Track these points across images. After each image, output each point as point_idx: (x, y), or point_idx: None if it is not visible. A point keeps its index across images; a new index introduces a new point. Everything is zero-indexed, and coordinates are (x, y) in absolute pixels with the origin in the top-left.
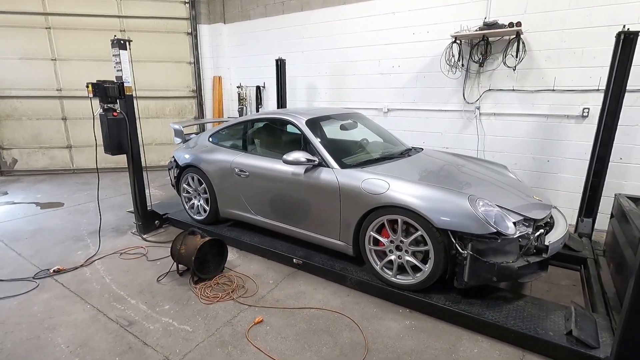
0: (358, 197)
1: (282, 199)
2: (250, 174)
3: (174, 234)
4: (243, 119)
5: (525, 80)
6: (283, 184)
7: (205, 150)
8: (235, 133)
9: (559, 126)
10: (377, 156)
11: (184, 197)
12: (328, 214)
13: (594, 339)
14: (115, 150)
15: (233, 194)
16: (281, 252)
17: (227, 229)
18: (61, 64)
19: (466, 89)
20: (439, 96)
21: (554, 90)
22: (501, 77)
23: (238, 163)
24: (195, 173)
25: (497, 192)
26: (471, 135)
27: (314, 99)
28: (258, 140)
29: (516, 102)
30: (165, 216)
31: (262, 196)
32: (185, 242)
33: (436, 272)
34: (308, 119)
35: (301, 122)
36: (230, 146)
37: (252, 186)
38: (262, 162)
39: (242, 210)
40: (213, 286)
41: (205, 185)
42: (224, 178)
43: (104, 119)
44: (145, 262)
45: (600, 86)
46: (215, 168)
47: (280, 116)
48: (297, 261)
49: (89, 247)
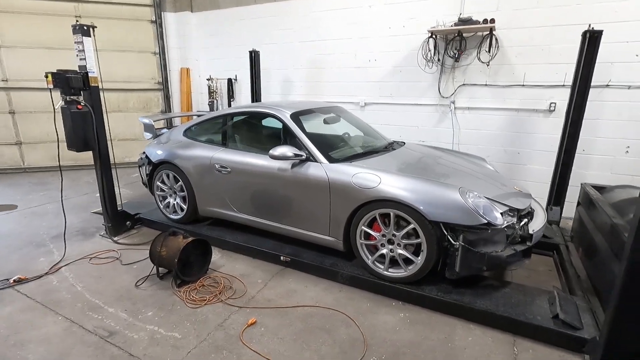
0: (349, 192)
1: (267, 195)
2: (232, 170)
3: (148, 235)
4: (221, 112)
5: (497, 75)
6: (268, 180)
7: (181, 145)
8: (213, 127)
9: (529, 120)
10: (362, 150)
11: (158, 195)
12: (317, 209)
13: (577, 320)
14: (81, 147)
15: (213, 192)
16: (267, 250)
17: (207, 227)
18: (6, 51)
19: (441, 84)
20: (415, 90)
21: (524, 86)
22: (475, 72)
23: (218, 159)
24: (171, 170)
25: (481, 184)
26: (447, 129)
27: (289, 93)
28: (239, 135)
29: (489, 97)
30: (137, 216)
31: (246, 193)
32: (166, 244)
33: (428, 264)
34: (292, 113)
35: (285, 115)
36: (208, 141)
37: (234, 183)
38: (245, 158)
39: (223, 208)
40: (198, 288)
41: (182, 182)
42: (202, 175)
43: (67, 113)
44: (119, 267)
45: (566, 82)
46: (193, 164)
47: (263, 109)
48: (284, 259)
49: (53, 253)
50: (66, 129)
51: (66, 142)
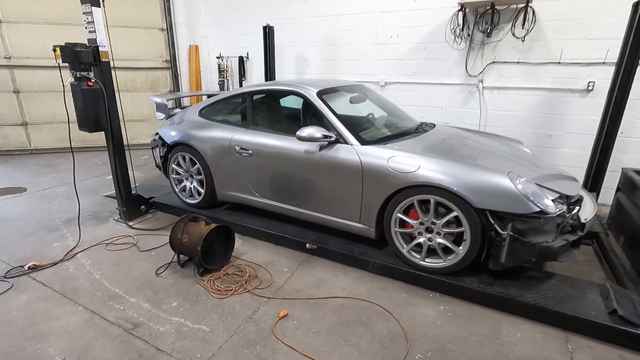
0: (384, 176)
1: (291, 179)
2: (254, 152)
3: (164, 220)
4: (240, 90)
5: (530, 52)
6: (293, 163)
7: (196, 126)
8: (231, 107)
9: (563, 100)
10: (393, 132)
11: (174, 178)
12: (346, 195)
13: (636, 316)
14: (93, 127)
15: (233, 175)
16: (292, 237)
17: (226, 212)
18: (8, 27)
19: (469, 61)
20: (440, 69)
21: (560, 63)
22: (506, 48)
23: (239, 140)
24: (187, 152)
25: (525, 169)
26: (472, 110)
27: (303, 71)
28: (260, 114)
29: (520, 76)
30: (151, 200)
31: (268, 177)
32: (188, 230)
33: (471, 254)
34: (319, 91)
35: (311, 94)
36: (226, 122)
37: (256, 166)
38: (268, 139)
39: (243, 192)
40: (222, 277)
41: (200, 165)
42: (221, 157)
43: (77, 90)
44: (137, 253)
45: (608, 59)
46: (210, 146)
47: (286, 87)
48: (310, 246)
49: (67, 239)
50: (77, 108)
51: (77, 122)
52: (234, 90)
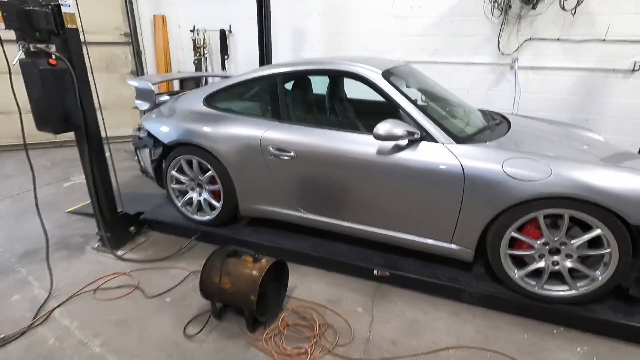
0: (497, 184)
1: (354, 190)
2: (298, 154)
3: (163, 243)
4: (264, 71)
5: (572, 28)
6: (357, 169)
7: (205, 119)
8: (252, 93)
9: (604, 81)
10: (478, 126)
11: (174, 189)
12: (436, 209)
13: None
14: (59, 125)
15: (265, 184)
16: (354, 263)
17: (250, 230)
18: None
19: (502, 38)
20: (468, 46)
21: (604, 41)
22: (546, 23)
23: (272, 139)
24: (195, 155)
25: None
26: (503, 93)
27: (301, 48)
28: (300, 104)
29: (560, 54)
30: (141, 218)
31: (319, 186)
32: (229, 272)
33: (615, 281)
34: (385, 72)
35: (375, 75)
36: (247, 113)
37: (300, 172)
38: (318, 138)
39: (280, 206)
40: (283, 331)
41: (215, 172)
42: (247, 161)
43: (33, 71)
44: (145, 302)
45: None
46: (231, 147)
47: (336, 67)
48: (381, 273)
49: (31, 285)
50: (32, 97)
51: (34, 118)
52: (255, 71)
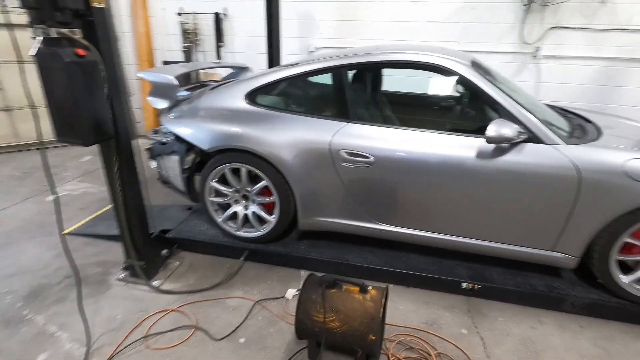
0: (617, 187)
1: (447, 197)
2: (377, 160)
3: (202, 266)
4: (326, 63)
5: (595, 16)
6: (454, 174)
7: (254, 120)
8: (310, 88)
9: (624, 70)
10: (567, 123)
11: (212, 202)
12: (543, 214)
13: None
14: (89, 135)
15: (332, 193)
16: (439, 276)
17: (306, 247)
18: None
19: (526, 26)
20: (491, 34)
21: (626, 30)
22: (571, 11)
23: (346, 143)
24: (245, 162)
25: None
26: (524, 83)
27: (309, 35)
28: (369, 100)
29: (582, 43)
30: (168, 236)
31: (403, 195)
32: (336, 307)
33: None
34: (472, 62)
35: (464, 68)
36: (305, 112)
37: (381, 180)
38: (401, 139)
39: (349, 217)
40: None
41: (269, 182)
42: (312, 168)
43: (55, 65)
44: (214, 346)
45: None
46: (292, 152)
47: (411, 58)
48: (471, 286)
49: (58, 339)
50: (54, 98)
51: (55, 126)
52: (311, 62)
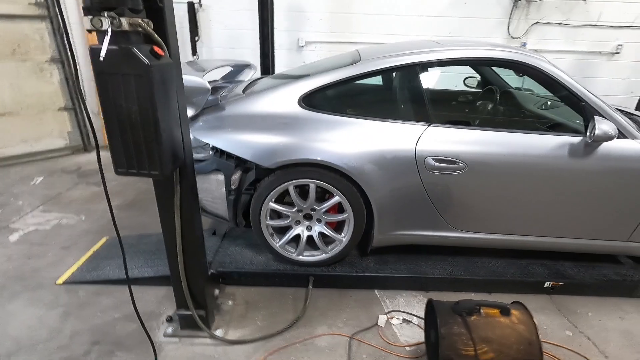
0: None
1: (533, 198)
2: (470, 165)
3: (261, 303)
4: (396, 61)
5: (572, 13)
6: (549, 174)
7: (322, 127)
8: (377, 89)
9: (592, 63)
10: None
11: (270, 226)
12: (627, 208)
13: None
14: (169, 161)
15: (414, 204)
16: (525, 279)
17: (374, 263)
18: None
19: (512, 21)
20: (481, 29)
21: (596, 26)
22: (550, 8)
23: (432, 149)
24: (316, 178)
25: None
26: (509, 77)
27: (299, 28)
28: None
29: (561, 38)
30: (218, 271)
31: (490, 200)
32: (485, 337)
33: None
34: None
35: (546, 65)
36: (377, 115)
37: (470, 186)
38: (492, 142)
39: (429, 228)
40: None
41: (343, 198)
42: (394, 178)
43: (129, 70)
44: None
45: (634, 23)
46: (373, 162)
47: (492, 54)
48: (553, 284)
49: None
50: (119, 116)
51: (116, 155)
52: (376, 60)
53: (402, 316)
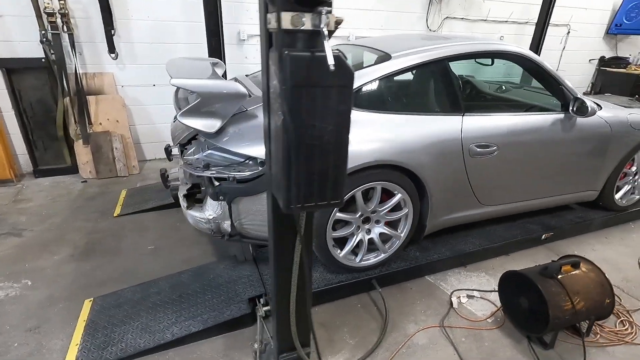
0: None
1: (547, 166)
2: (501, 148)
3: (331, 322)
4: (428, 55)
5: (470, 10)
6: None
7: (377, 127)
8: (411, 84)
9: None
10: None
11: (334, 237)
12: (592, 162)
13: None
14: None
15: (459, 189)
16: (530, 236)
17: (418, 253)
18: None
19: (429, 16)
20: (406, 22)
21: (486, 20)
22: (455, 5)
23: (473, 136)
24: (382, 179)
25: None
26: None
27: (238, 21)
28: (472, 90)
29: (464, 30)
30: None
31: (514, 175)
32: (575, 290)
33: None
34: None
35: (539, 59)
36: (417, 110)
37: (501, 166)
38: (515, 125)
39: (467, 208)
40: None
41: (405, 194)
42: (445, 168)
43: (322, 81)
44: None
45: (510, 18)
46: (430, 155)
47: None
48: (546, 236)
49: None
50: (311, 141)
51: (299, 187)
52: (409, 55)
53: (465, 293)
